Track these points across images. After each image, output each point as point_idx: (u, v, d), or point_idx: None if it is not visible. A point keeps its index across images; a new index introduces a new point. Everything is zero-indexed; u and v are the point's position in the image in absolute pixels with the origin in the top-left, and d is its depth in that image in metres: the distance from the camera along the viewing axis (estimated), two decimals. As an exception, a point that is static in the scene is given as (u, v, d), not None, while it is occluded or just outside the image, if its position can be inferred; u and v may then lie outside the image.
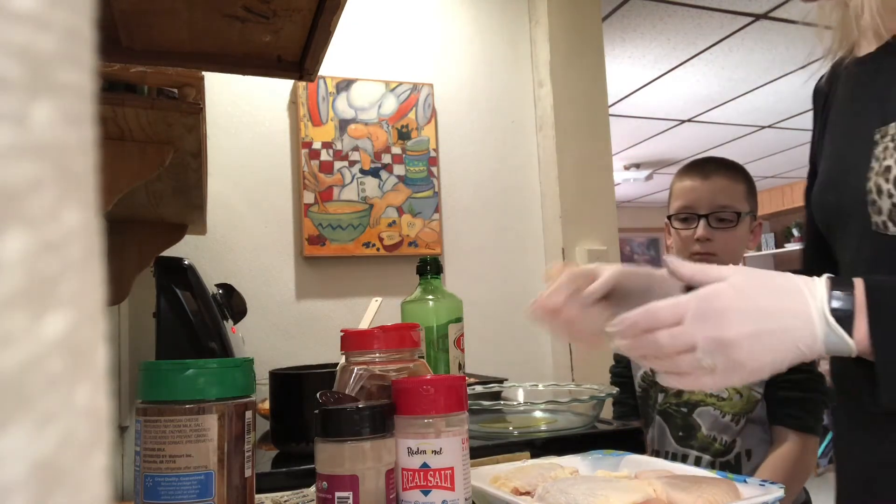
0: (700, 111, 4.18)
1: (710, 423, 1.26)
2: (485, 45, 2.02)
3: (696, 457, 1.26)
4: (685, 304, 0.59)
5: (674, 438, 1.31)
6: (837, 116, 0.78)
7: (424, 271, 1.10)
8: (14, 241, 0.11)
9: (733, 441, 1.25)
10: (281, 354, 1.67)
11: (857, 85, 0.75)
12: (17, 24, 0.11)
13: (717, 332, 0.57)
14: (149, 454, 0.51)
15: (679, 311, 0.59)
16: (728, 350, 0.57)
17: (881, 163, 0.66)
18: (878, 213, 0.67)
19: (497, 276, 1.95)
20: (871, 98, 0.71)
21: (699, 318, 0.58)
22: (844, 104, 0.77)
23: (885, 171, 0.66)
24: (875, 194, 0.67)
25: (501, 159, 2.00)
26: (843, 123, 0.77)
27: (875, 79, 0.71)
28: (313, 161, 1.77)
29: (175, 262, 1.18)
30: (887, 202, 0.65)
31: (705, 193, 1.33)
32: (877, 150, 0.67)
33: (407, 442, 0.56)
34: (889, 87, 0.69)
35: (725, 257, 1.32)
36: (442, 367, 1.07)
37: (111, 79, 0.75)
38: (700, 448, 1.27)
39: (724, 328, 0.57)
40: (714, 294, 0.59)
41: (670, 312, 0.60)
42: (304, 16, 0.65)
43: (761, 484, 0.62)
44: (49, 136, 0.11)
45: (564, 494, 0.58)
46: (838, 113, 0.78)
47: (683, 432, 1.29)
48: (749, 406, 1.23)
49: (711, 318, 0.58)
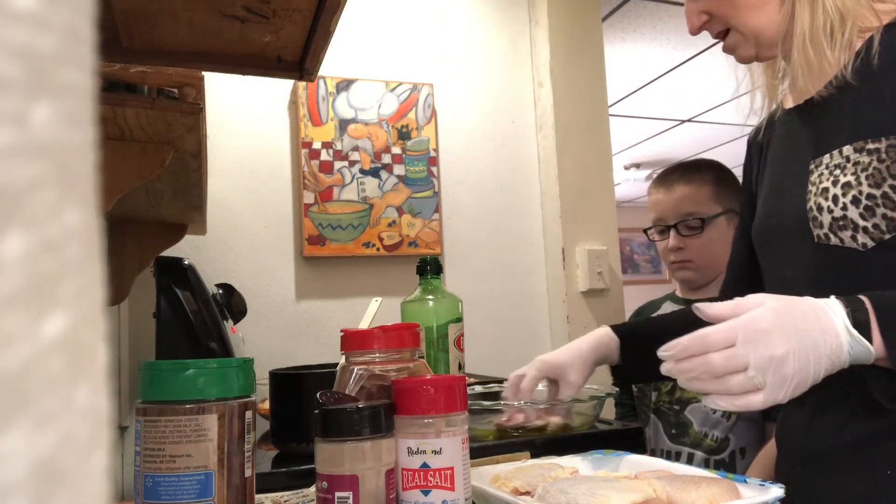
0: (700, 111, 4.18)
1: (700, 420, 1.27)
2: (485, 45, 2.02)
3: (689, 454, 1.27)
4: (734, 328, 0.65)
5: (667, 436, 1.32)
6: (775, 157, 0.91)
7: (424, 271, 1.10)
8: (14, 241, 0.11)
9: (726, 438, 1.25)
10: (281, 354, 1.67)
11: (791, 129, 0.88)
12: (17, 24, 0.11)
13: (767, 350, 0.63)
14: (149, 454, 0.51)
15: (731, 334, 0.65)
16: (778, 367, 0.63)
17: (818, 186, 0.79)
18: (819, 227, 0.78)
19: (497, 276, 1.95)
20: (805, 138, 0.84)
21: (749, 340, 0.64)
22: (781, 145, 0.90)
23: (822, 192, 0.78)
24: (816, 211, 0.78)
25: (501, 159, 2.00)
26: (780, 161, 0.89)
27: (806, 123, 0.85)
28: (313, 161, 1.77)
29: (175, 262, 1.18)
30: (827, 217, 0.77)
31: (669, 205, 1.39)
32: (812, 176, 0.80)
33: (407, 442, 0.56)
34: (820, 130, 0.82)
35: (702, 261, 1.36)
36: (442, 367, 1.07)
37: (111, 79, 0.75)
38: (692, 444, 1.27)
39: (774, 346, 0.64)
40: (759, 318, 0.65)
41: (722, 336, 0.66)
42: (304, 16, 0.65)
43: (761, 484, 0.62)
44: (49, 136, 0.11)
45: (564, 494, 0.58)
46: (775, 154, 0.91)
47: (676, 430, 1.30)
48: None
49: (760, 339, 0.64)
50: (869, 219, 0.73)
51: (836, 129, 0.80)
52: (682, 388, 1.35)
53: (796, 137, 0.87)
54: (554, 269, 1.95)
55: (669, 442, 1.31)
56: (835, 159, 0.78)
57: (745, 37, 0.85)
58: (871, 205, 0.73)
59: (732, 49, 0.88)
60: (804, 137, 0.85)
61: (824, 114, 0.82)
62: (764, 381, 0.64)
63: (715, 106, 4.07)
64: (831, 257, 0.78)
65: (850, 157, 0.76)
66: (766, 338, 0.64)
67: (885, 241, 0.73)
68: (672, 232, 1.37)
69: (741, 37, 0.86)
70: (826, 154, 0.79)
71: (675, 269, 1.41)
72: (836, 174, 0.77)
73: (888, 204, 0.72)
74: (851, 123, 0.78)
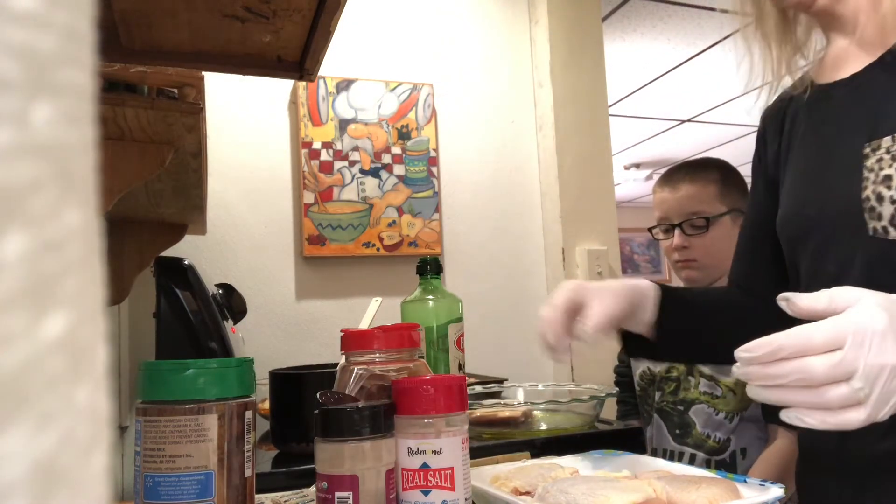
0: (700, 111, 4.18)
1: (703, 421, 1.27)
2: (485, 45, 2.02)
3: (691, 454, 1.27)
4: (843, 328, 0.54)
5: (671, 436, 1.32)
6: (809, 138, 0.81)
7: (424, 271, 1.10)
8: (14, 241, 0.11)
9: (728, 439, 1.25)
10: (281, 354, 1.67)
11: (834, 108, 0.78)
12: (17, 24, 0.11)
13: (880, 358, 0.53)
14: (149, 454, 0.51)
15: (839, 336, 0.54)
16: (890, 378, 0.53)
17: (877, 173, 0.69)
18: (877, 218, 0.69)
19: (497, 276, 1.95)
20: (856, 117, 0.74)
21: (860, 344, 0.53)
22: (817, 125, 0.80)
23: (884, 180, 0.68)
24: (874, 201, 0.69)
25: (501, 159, 2.00)
26: (818, 143, 0.79)
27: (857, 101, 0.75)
28: (313, 161, 1.77)
29: (175, 262, 1.18)
30: (889, 208, 0.68)
31: (674, 204, 1.39)
32: (869, 161, 0.71)
33: (407, 442, 0.56)
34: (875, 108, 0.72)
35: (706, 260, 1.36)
36: (442, 367, 1.07)
37: (111, 79, 0.75)
38: (694, 445, 1.27)
39: (887, 353, 0.53)
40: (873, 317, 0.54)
41: (828, 335, 0.54)
42: (304, 16, 0.65)
43: (761, 484, 0.62)
44: (49, 136, 0.11)
45: (564, 494, 0.58)
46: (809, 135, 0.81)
47: (680, 430, 1.30)
48: (744, 404, 1.24)
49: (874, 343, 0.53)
50: None
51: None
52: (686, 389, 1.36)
53: (835, 118, 0.77)
54: (554, 270, 1.95)
55: (673, 442, 1.31)
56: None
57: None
58: None
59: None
60: (854, 117, 0.75)
61: (882, 90, 0.73)
62: (870, 393, 0.53)
63: (715, 106, 4.07)
64: (888, 252, 0.68)
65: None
66: (881, 342, 0.53)
67: None
68: (676, 231, 1.37)
69: None
70: (888, 136, 0.70)
71: (679, 268, 1.41)
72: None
73: None
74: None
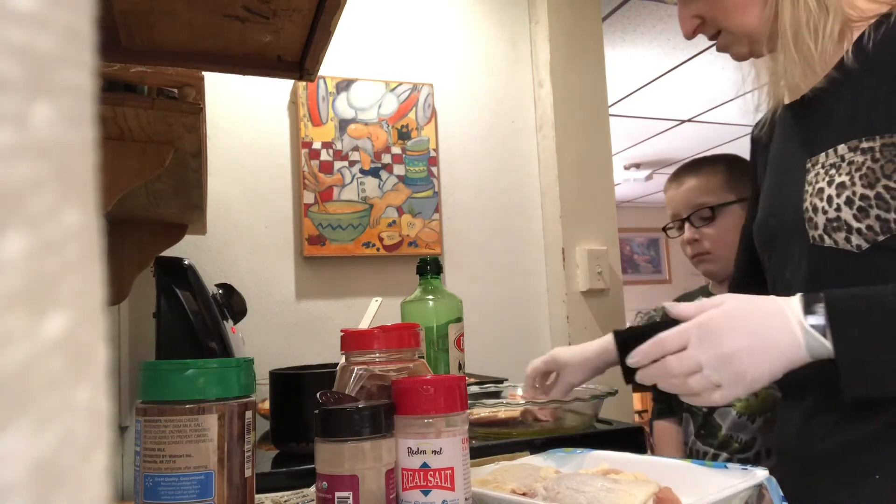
0: (700, 111, 4.18)
1: (729, 423, 1.29)
2: (485, 45, 2.02)
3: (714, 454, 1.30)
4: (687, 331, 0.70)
5: (696, 435, 1.34)
6: (775, 154, 0.91)
7: (424, 271, 1.10)
8: (14, 241, 0.11)
9: (753, 439, 1.27)
10: (281, 354, 1.67)
11: (789, 127, 0.88)
12: (17, 24, 0.11)
13: (717, 349, 0.68)
14: (149, 454, 0.51)
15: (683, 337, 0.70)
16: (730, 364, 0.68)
17: (814, 186, 0.78)
18: (814, 228, 0.77)
19: (497, 276, 1.95)
20: (802, 136, 0.84)
21: (700, 341, 0.69)
22: (780, 143, 0.90)
23: (818, 193, 0.77)
24: (811, 212, 0.78)
25: (501, 159, 2.00)
26: (780, 159, 0.89)
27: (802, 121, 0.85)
28: (313, 161, 1.77)
29: (175, 262, 1.18)
30: (822, 218, 0.76)
31: (681, 198, 1.40)
32: (809, 176, 0.79)
33: (407, 442, 0.56)
34: (815, 127, 0.82)
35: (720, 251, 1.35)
36: (442, 367, 1.06)
37: (111, 79, 0.75)
38: (719, 446, 1.30)
39: (724, 345, 0.68)
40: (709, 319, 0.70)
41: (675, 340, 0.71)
42: (304, 16, 0.65)
43: (743, 468, 0.62)
44: (49, 136, 0.11)
45: (581, 493, 0.58)
46: (775, 152, 0.91)
47: (704, 430, 1.33)
48: (766, 405, 1.25)
49: (711, 339, 0.69)
50: (863, 220, 0.72)
51: (832, 128, 0.78)
52: None
53: (794, 135, 0.86)
54: (554, 269, 1.95)
55: (699, 442, 1.34)
56: (830, 158, 0.77)
57: (736, 36, 0.86)
58: (865, 206, 0.72)
59: (726, 48, 0.88)
60: (801, 135, 0.84)
61: (820, 111, 0.81)
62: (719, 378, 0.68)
63: (715, 106, 4.07)
64: (826, 258, 0.77)
65: (844, 156, 0.75)
66: (717, 337, 0.68)
67: (878, 243, 0.71)
68: (686, 225, 1.38)
69: (733, 37, 0.86)
70: (822, 153, 0.78)
71: (695, 262, 1.41)
72: (831, 174, 0.76)
73: (882, 205, 0.71)
74: (846, 121, 0.76)
